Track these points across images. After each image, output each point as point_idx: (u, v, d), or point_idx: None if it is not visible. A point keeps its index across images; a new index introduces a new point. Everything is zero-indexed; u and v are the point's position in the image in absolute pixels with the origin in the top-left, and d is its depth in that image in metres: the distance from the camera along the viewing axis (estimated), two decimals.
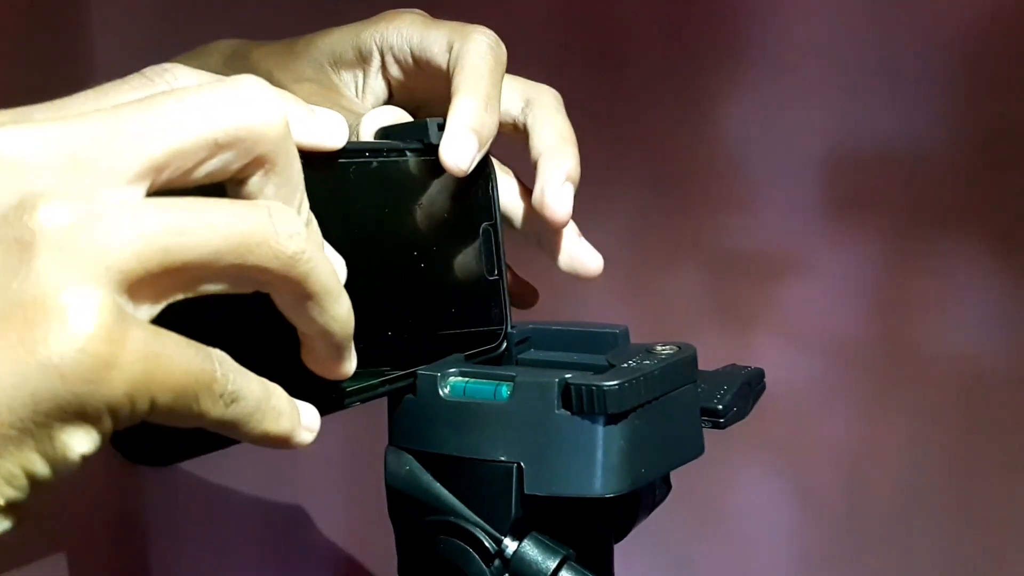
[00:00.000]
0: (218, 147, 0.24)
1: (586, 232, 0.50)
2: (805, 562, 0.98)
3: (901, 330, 0.95)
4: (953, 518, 0.95)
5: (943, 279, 0.93)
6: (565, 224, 0.41)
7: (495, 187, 0.39)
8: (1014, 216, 0.92)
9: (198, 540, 1.11)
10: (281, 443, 0.27)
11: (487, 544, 0.32)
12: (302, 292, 0.26)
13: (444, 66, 0.40)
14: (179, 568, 1.12)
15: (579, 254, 0.43)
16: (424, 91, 0.43)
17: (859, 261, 0.95)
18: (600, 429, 0.31)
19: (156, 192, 0.24)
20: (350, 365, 0.30)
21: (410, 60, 0.42)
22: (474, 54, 0.39)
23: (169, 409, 0.23)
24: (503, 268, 0.39)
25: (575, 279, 0.44)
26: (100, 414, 0.22)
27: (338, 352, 0.29)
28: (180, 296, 0.24)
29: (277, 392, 0.27)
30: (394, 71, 0.43)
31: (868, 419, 0.97)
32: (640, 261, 0.99)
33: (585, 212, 1.03)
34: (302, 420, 0.28)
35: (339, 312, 0.27)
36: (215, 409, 0.24)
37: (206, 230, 0.23)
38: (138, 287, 0.22)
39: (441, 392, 0.34)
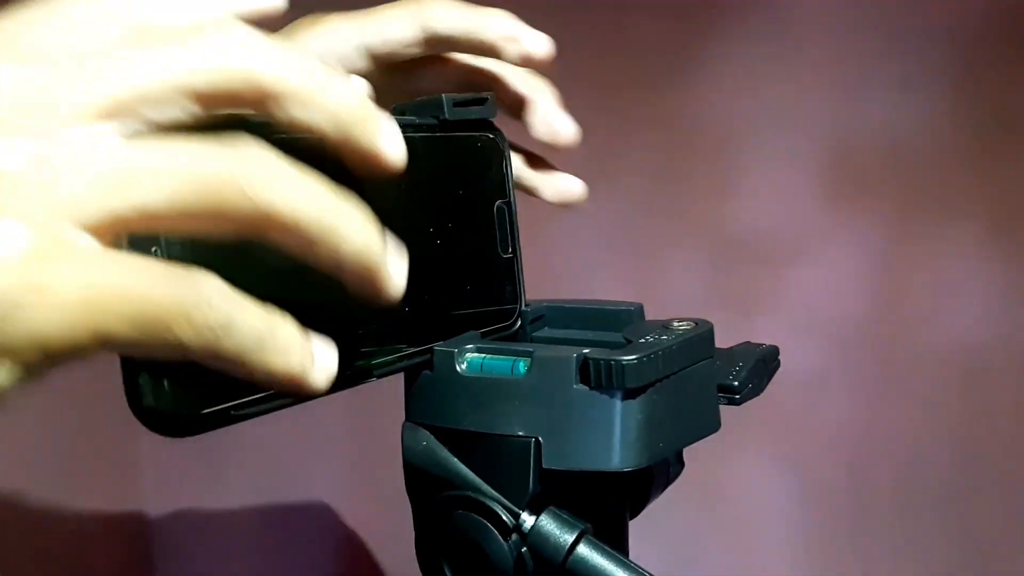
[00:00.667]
0: (197, 95, 0.23)
1: (590, 216, 0.50)
2: (805, 545, 0.99)
3: (901, 316, 0.95)
4: (953, 502, 0.95)
5: (943, 265, 0.94)
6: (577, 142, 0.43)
7: (509, 165, 0.39)
8: (1014, 202, 0.92)
9: (202, 528, 1.11)
10: (291, 384, 0.25)
11: (505, 518, 0.32)
12: (296, 238, 0.24)
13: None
14: (184, 559, 1.12)
15: (556, 122, 0.45)
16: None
17: (860, 247, 0.95)
18: (618, 404, 0.31)
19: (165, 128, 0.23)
20: (394, 281, 0.27)
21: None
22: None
23: (134, 340, 0.22)
24: (517, 246, 0.39)
25: (552, 149, 0.44)
26: (20, 345, 0.21)
27: (371, 273, 0.26)
28: (158, 235, 0.24)
29: (284, 325, 0.25)
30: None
31: (869, 404, 0.97)
32: (642, 246, 1.00)
33: (588, 196, 1.03)
34: (316, 360, 0.26)
35: (349, 240, 0.25)
36: (199, 339, 0.22)
37: (166, 176, 0.22)
38: (95, 226, 0.22)
39: (458, 368, 0.34)
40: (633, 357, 0.31)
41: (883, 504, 0.97)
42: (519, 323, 0.39)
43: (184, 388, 0.27)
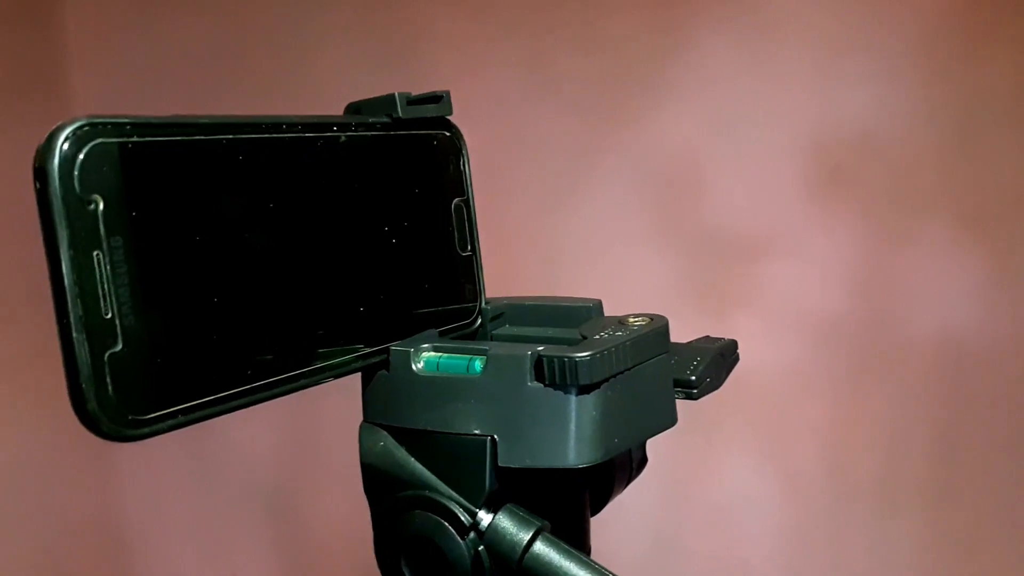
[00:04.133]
0: None
1: (567, 212, 0.50)
2: (785, 537, 0.99)
3: (879, 311, 0.96)
4: (932, 495, 0.96)
5: (920, 260, 0.94)
6: None
7: (467, 162, 0.39)
8: (989, 198, 0.92)
9: (181, 531, 1.11)
10: None
11: (462, 517, 0.32)
12: None
13: None
14: (163, 561, 1.12)
15: None
16: None
17: (836, 242, 0.96)
18: (573, 400, 0.31)
19: None
20: None
21: None
22: None
23: None
24: (476, 244, 0.39)
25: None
26: None
27: None
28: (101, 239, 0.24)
29: None
30: None
31: (847, 398, 0.97)
32: (619, 242, 1.00)
33: (566, 192, 1.03)
34: None
35: None
36: None
37: None
38: None
39: (414, 367, 0.34)
40: (586, 354, 0.31)
41: (862, 496, 0.98)
42: (479, 321, 0.39)
43: (129, 392, 0.26)
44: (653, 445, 0.35)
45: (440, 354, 0.34)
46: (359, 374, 0.35)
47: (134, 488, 1.09)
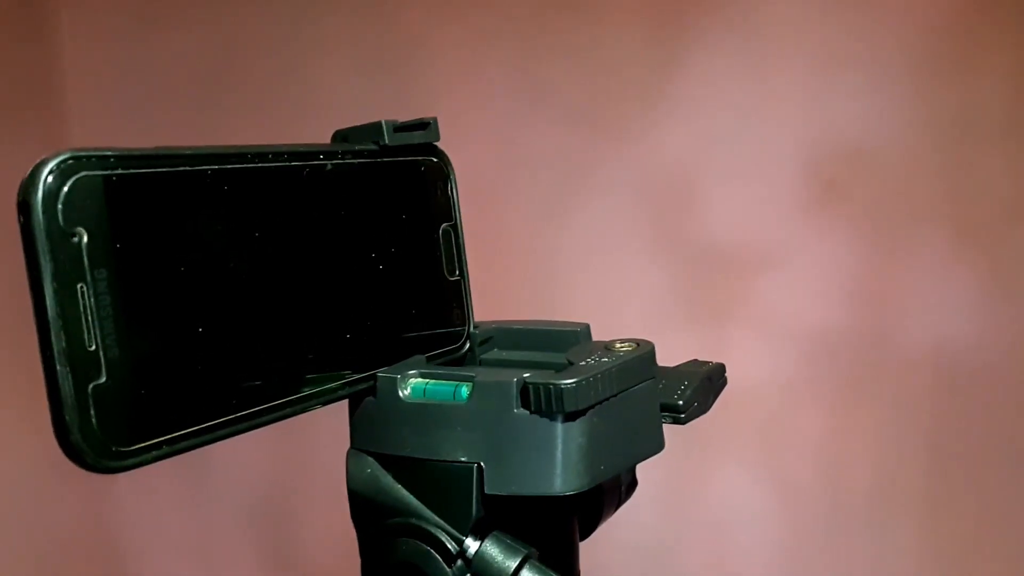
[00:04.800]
0: None
1: (560, 226, 0.50)
2: (781, 550, 0.99)
3: (873, 322, 0.96)
4: (926, 505, 0.96)
5: (915, 272, 0.94)
6: None
7: (454, 188, 0.39)
8: (984, 210, 0.93)
9: (175, 547, 1.11)
10: None
11: (449, 545, 0.32)
12: None
13: None
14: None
15: None
16: None
17: (830, 255, 0.96)
18: (559, 427, 0.31)
19: None
20: None
21: None
22: None
23: None
24: (464, 269, 0.39)
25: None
26: None
27: None
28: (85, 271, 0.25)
29: None
30: None
31: (842, 410, 0.97)
32: (613, 256, 1.00)
33: (559, 207, 1.03)
34: None
35: None
36: None
37: None
38: None
39: (401, 393, 0.34)
40: (572, 381, 0.31)
41: (857, 508, 0.98)
42: (467, 345, 0.39)
43: (113, 423, 0.26)
44: (647, 459, 0.35)
45: (427, 380, 0.34)
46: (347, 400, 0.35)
47: (128, 505, 1.08)
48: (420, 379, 0.34)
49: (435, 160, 0.38)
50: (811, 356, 0.97)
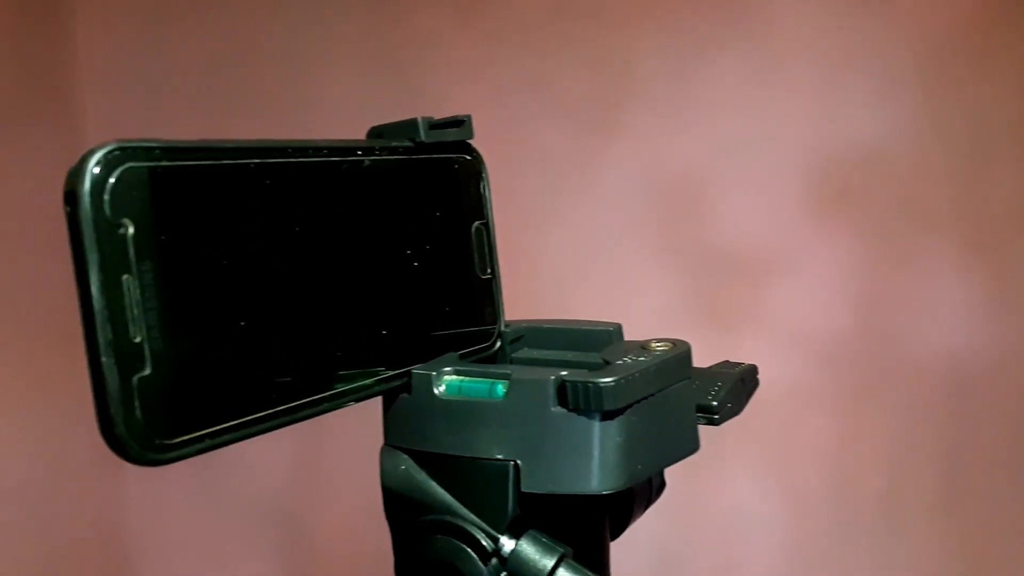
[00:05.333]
0: None
1: (571, 231, 0.50)
2: (791, 556, 0.99)
3: (883, 328, 0.96)
4: (936, 512, 0.96)
5: (923, 277, 0.94)
6: None
7: (487, 186, 0.39)
8: (994, 217, 0.93)
9: (186, 548, 1.10)
10: None
11: (484, 543, 0.32)
12: None
13: None
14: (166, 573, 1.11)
15: None
16: None
17: (840, 261, 0.96)
18: (596, 426, 0.31)
19: None
20: None
21: None
22: None
23: None
24: (496, 267, 0.39)
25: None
26: None
27: None
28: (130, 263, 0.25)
29: None
30: None
31: (852, 416, 0.97)
32: (623, 261, 1.00)
33: (568, 211, 1.03)
34: None
35: None
36: None
37: None
38: None
39: (436, 390, 0.34)
40: (611, 379, 0.31)
41: (866, 513, 0.97)
42: (498, 344, 0.39)
43: (157, 416, 0.26)
44: (682, 459, 0.35)
45: (462, 378, 0.34)
46: (379, 397, 0.35)
47: (140, 504, 1.08)
48: (455, 376, 0.34)
49: (469, 158, 0.38)
50: (821, 362, 0.97)
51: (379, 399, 0.35)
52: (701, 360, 0.41)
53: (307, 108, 1.05)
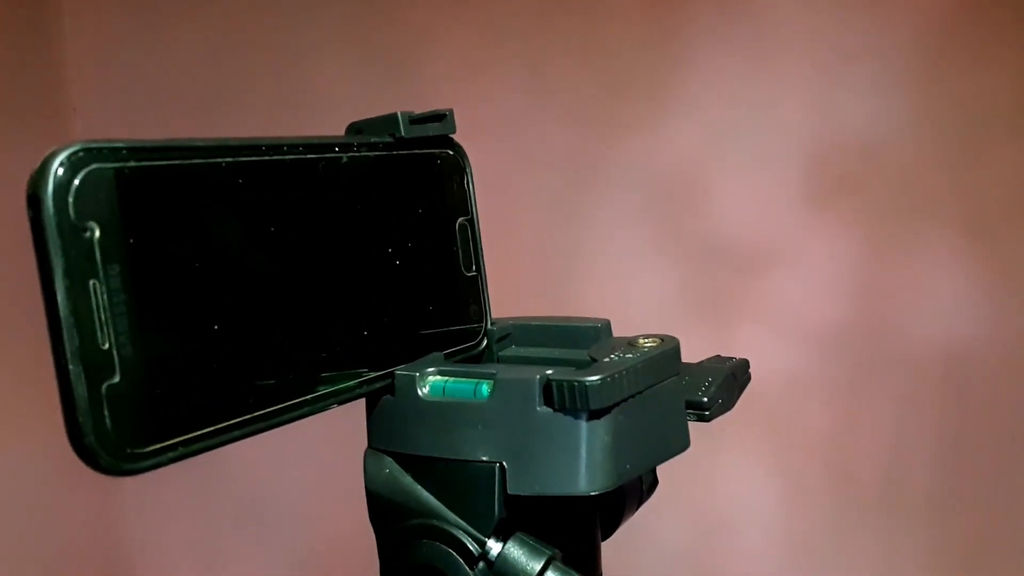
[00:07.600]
0: None
1: (568, 224, 0.49)
2: (790, 546, 0.98)
3: (881, 318, 0.95)
4: (937, 503, 0.95)
5: (923, 268, 0.93)
6: None
7: (471, 182, 0.38)
8: (992, 206, 0.92)
9: (183, 550, 1.10)
10: None
11: (470, 546, 0.31)
12: None
13: None
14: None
15: None
16: None
17: (837, 251, 0.95)
18: (583, 425, 0.30)
19: None
20: None
21: None
22: None
23: None
24: (481, 264, 0.38)
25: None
26: None
27: None
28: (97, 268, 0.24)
29: None
30: None
31: (850, 406, 0.97)
32: (622, 254, 0.99)
33: (566, 205, 1.02)
34: None
35: None
36: None
37: None
38: None
39: (420, 392, 0.33)
40: (596, 378, 0.30)
41: (867, 505, 0.97)
42: (484, 342, 0.38)
43: (127, 424, 0.26)
44: (673, 457, 0.34)
45: (446, 378, 0.33)
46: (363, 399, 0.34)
47: (135, 507, 1.08)
48: (439, 377, 0.33)
49: (451, 153, 0.37)
50: (819, 352, 0.96)
51: (363, 401, 0.34)
52: (700, 351, 0.40)
53: (299, 105, 1.04)
